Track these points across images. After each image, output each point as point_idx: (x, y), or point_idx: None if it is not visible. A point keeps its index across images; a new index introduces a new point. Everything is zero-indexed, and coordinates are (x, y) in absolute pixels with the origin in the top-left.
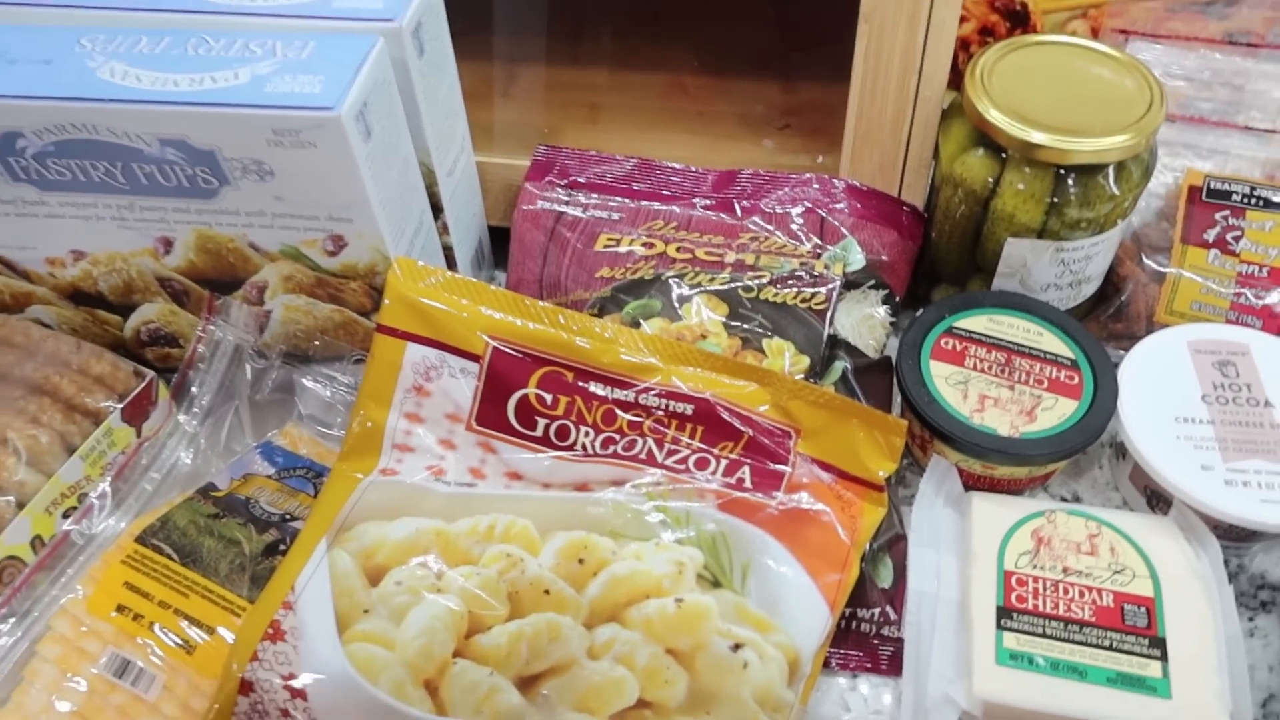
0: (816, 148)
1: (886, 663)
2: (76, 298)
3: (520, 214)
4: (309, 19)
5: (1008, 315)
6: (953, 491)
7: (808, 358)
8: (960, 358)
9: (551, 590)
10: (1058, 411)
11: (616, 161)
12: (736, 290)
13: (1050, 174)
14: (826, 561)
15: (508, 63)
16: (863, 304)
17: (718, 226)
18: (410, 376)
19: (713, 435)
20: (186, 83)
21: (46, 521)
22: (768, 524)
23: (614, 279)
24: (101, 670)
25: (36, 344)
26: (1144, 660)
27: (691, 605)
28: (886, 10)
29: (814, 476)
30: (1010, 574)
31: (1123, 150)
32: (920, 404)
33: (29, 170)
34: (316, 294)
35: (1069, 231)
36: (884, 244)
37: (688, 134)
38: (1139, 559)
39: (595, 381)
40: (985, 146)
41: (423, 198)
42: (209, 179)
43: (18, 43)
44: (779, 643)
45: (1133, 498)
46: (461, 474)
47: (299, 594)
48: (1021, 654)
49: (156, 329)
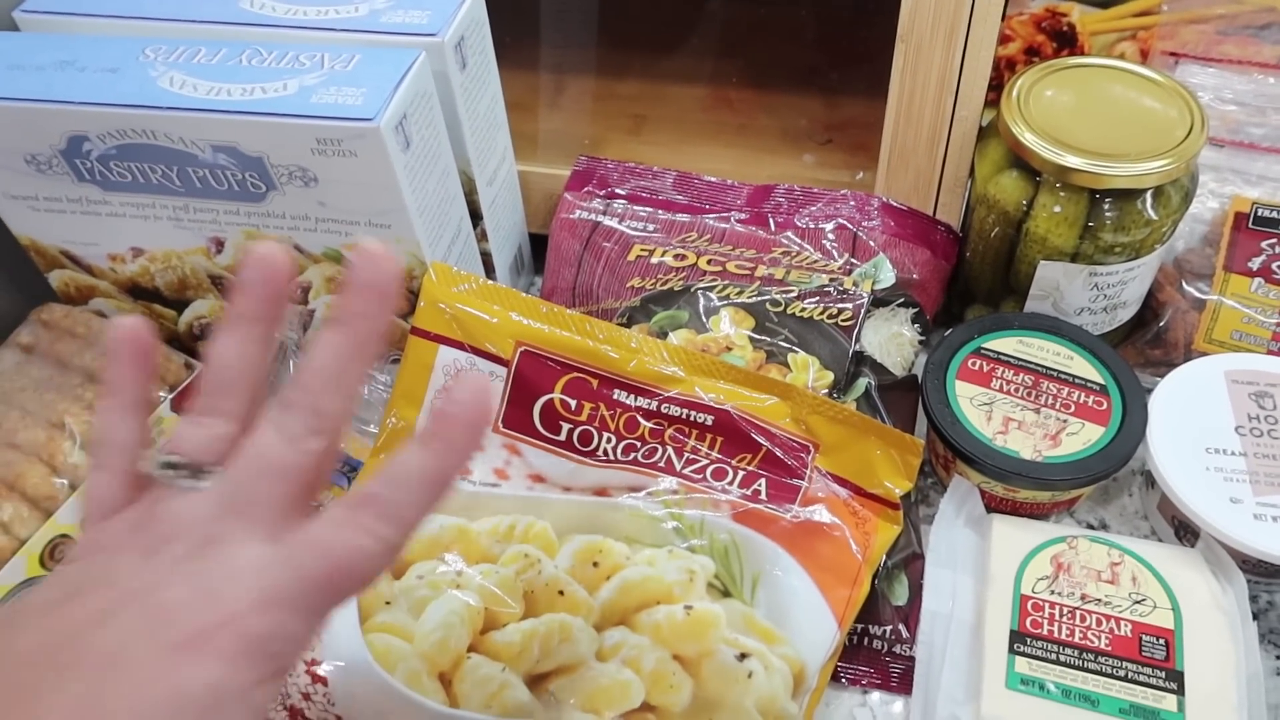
0: (857, 164)
1: (897, 680)
2: (135, 292)
3: (558, 222)
4: (357, 33)
5: (1038, 338)
6: (974, 512)
7: (832, 373)
8: (987, 379)
9: (566, 591)
10: (1083, 437)
11: (655, 174)
12: (764, 304)
13: (1085, 198)
14: (837, 576)
15: (554, 74)
16: (891, 322)
17: (751, 240)
18: (441, 378)
19: (731, 446)
20: (238, 92)
21: None
22: (781, 536)
23: (644, 289)
24: None
25: (96, 335)
26: (1160, 693)
27: (700, 613)
28: (924, 29)
29: (830, 491)
30: (1027, 598)
31: (1160, 175)
32: (943, 424)
33: (93, 171)
34: None
35: (1103, 256)
36: (916, 262)
37: (729, 147)
38: (1161, 590)
39: (619, 389)
40: (1020, 168)
41: (461, 205)
42: (257, 184)
43: (88, 52)
44: (785, 654)
45: (1161, 528)
46: (486, 474)
47: None
48: (1033, 679)
49: (208, 324)
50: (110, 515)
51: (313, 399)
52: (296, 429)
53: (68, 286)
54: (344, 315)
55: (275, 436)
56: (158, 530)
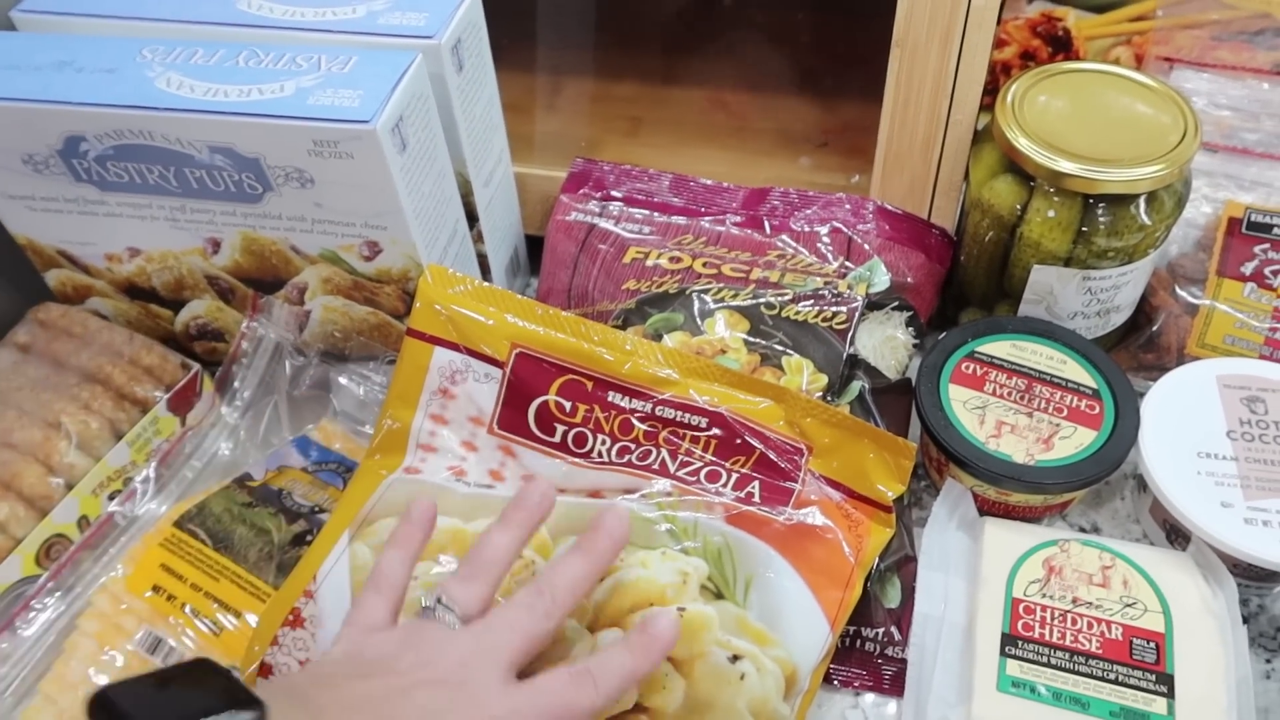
0: (853, 167)
1: (889, 682)
2: (132, 292)
3: (554, 224)
4: (354, 35)
5: (1032, 342)
6: (966, 515)
7: (826, 376)
8: (980, 383)
9: None
10: (1075, 441)
11: (651, 176)
12: (759, 307)
13: (1079, 203)
14: (830, 579)
15: (551, 76)
16: (885, 325)
17: (746, 243)
18: (436, 379)
19: (725, 449)
20: (235, 93)
21: (93, 503)
22: (774, 539)
23: (639, 291)
24: (136, 646)
25: (93, 334)
26: (1150, 696)
27: (693, 615)
28: (919, 34)
29: (823, 494)
30: (1018, 601)
31: (1154, 181)
32: (936, 427)
33: (90, 172)
34: (353, 296)
35: (1096, 260)
36: (910, 266)
37: (725, 149)
38: (1152, 593)
39: (614, 391)
40: (1014, 173)
41: (458, 207)
42: (254, 185)
43: (86, 52)
44: (777, 656)
45: (1153, 531)
46: (481, 475)
47: (320, 584)
48: (1024, 682)
49: (204, 324)
50: (379, 629)
51: (556, 595)
52: (541, 609)
53: (65, 286)
54: (590, 548)
55: (526, 610)
56: (426, 647)
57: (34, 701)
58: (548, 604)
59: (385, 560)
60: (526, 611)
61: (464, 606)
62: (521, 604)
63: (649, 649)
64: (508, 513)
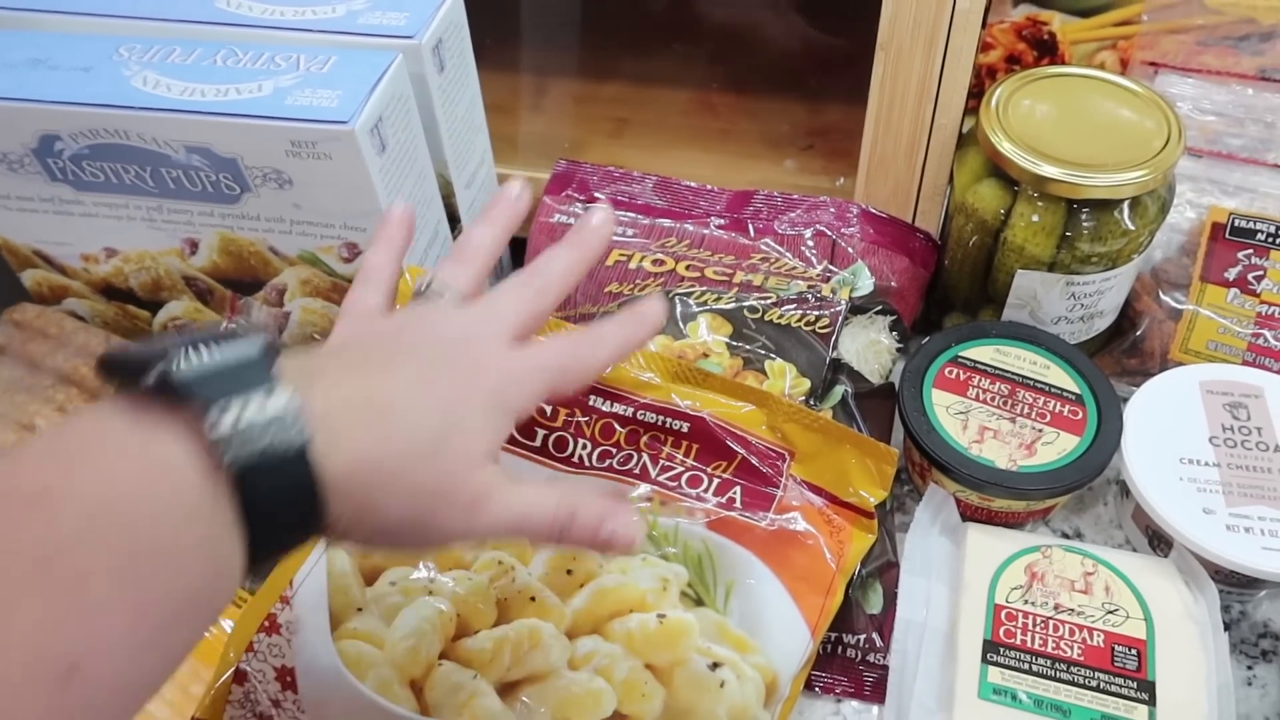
0: (838, 169)
1: (870, 689)
2: (109, 293)
3: (536, 226)
4: (334, 34)
5: (1015, 346)
6: (949, 521)
7: (809, 380)
8: (963, 387)
9: (538, 598)
10: (1058, 446)
11: (635, 178)
12: (742, 310)
13: (1062, 208)
14: (811, 585)
15: (535, 76)
16: (869, 329)
17: (730, 246)
18: None
19: (707, 454)
20: (213, 93)
21: None
22: (755, 545)
23: (622, 295)
24: None
25: (68, 335)
26: (1131, 704)
27: (673, 622)
28: (903, 37)
29: (805, 500)
30: (1000, 607)
31: (1137, 186)
32: (919, 433)
33: (66, 171)
34: (333, 298)
35: (1080, 266)
36: (894, 270)
37: (710, 151)
38: (1134, 600)
39: (595, 395)
40: (998, 177)
41: (439, 209)
42: (231, 185)
43: (61, 50)
44: (757, 664)
45: (1135, 537)
46: None
47: (296, 589)
48: (1005, 689)
49: (183, 325)
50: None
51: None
52: (536, 286)
53: (40, 286)
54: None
55: (520, 287)
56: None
57: None
58: (540, 282)
59: (371, 256)
60: (522, 288)
61: (460, 286)
62: (516, 283)
63: (643, 321)
64: (487, 211)
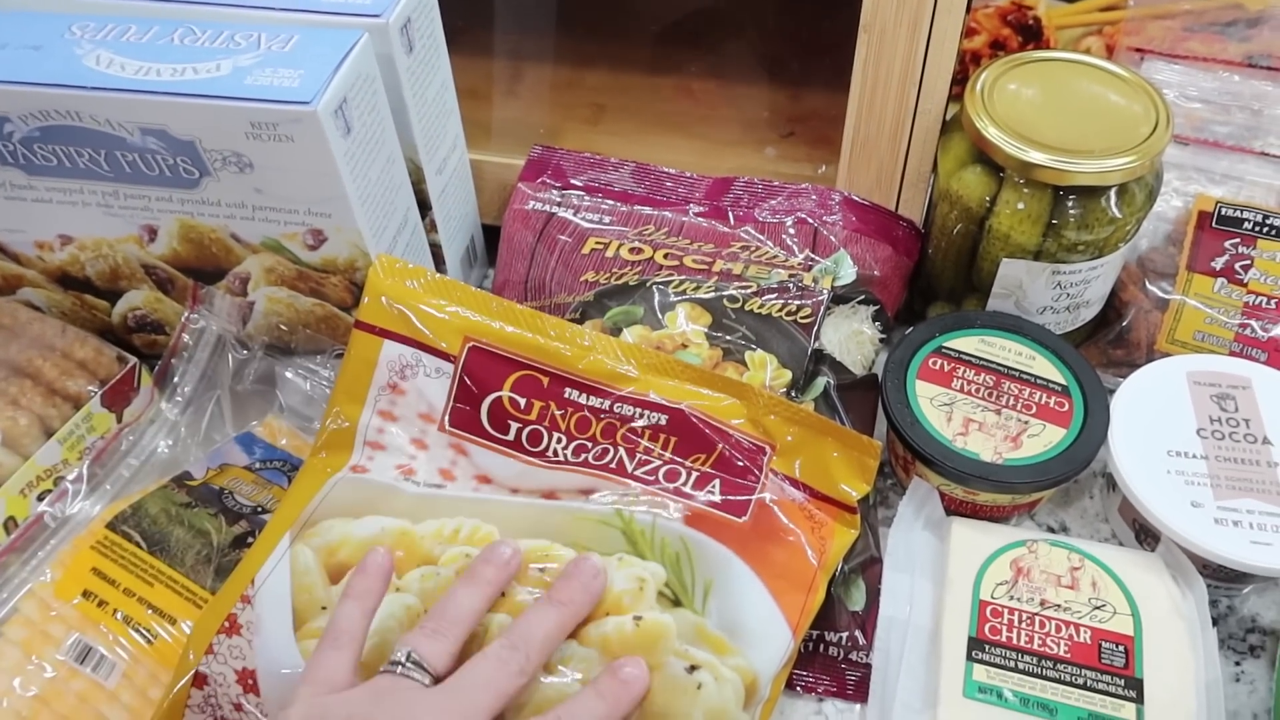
0: (819, 157)
1: (853, 688)
2: (65, 282)
3: (511, 213)
4: (297, 12)
5: (1000, 337)
6: (933, 515)
7: (790, 372)
8: (948, 379)
9: (509, 595)
10: (1044, 439)
11: (612, 165)
12: (721, 300)
13: (1049, 195)
14: (791, 583)
15: (511, 61)
16: (851, 319)
17: (709, 234)
18: (385, 374)
19: (685, 447)
20: (169, 72)
21: (21, 503)
22: (734, 541)
23: (598, 283)
24: (65, 656)
25: (23, 326)
26: (1119, 701)
27: (650, 625)
28: (887, 19)
29: (785, 495)
30: (985, 604)
31: (1125, 173)
32: (902, 425)
33: (16, 154)
34: (298, 287)
35: (1066, 254)
36: (878, 259)
37: (690, 138)
38: (1121, 595)
39: (571, 388)
40: (983, 164)
41: (408, 195)
42: (190, 169)
43: (9, 27)
44: (737, 665)
45: (1122, 531)
46: (431, 474)
47: (258, 588)
48: (991, 687)
49: (143, 315)
50: (341, 688)
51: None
52: (514, 666)
53: None
54: (564, 599)
55: (499, 666)
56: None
57: None
58: (521, 660)
59: (341, 613)
60: (499, 668)
61: (433, 663)
62: (494, 659)
63: (619, 696)
64: (474, 569)
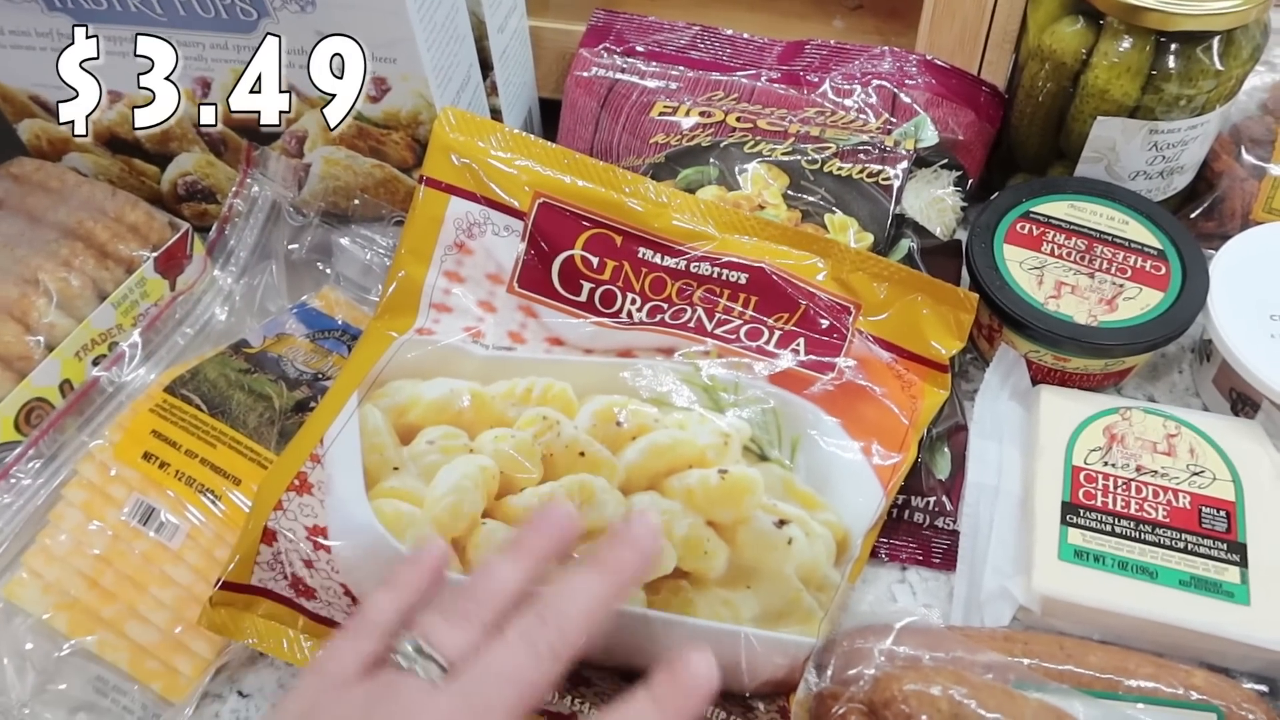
0: (889, 30)
1: (940, 557)
2: (113, 145)
3: (573, 80)
4: None
5: (1091, 202)
6: (1019, 385)
7: (872, 235)
8: (1037, 243)
9: (587, 453)
10: (1141, 301)
11: (676, 29)
12: (799, 162)
13: (1150, 44)
14: (883, 441)
15: None
16: (933, 185)
17: (782, 99)
18: (452, 232)
19: (767, 306)
20: None
21: (76, 366)
22: (820, 399)
23: (669, 145)
24: (126, 517)
25: (71, 189)
26: (1222, 565)
27: (736, 478)
28: None
29: (873, 353)
30: (1079, 470)
31: (1233, 17)
32: (991, 287)
33: None
34: (357, 146)
35: (1165, 111)
36: (960, 124)
37: (753, 10)
38: (1220, 462)
39: (645, 247)
40: (1080, 14)
41: (471, 50)
42: (248, 9)
43: None
44: (827, 520)
45: (1215, 403)
46: (500, 338)
47: (327, 448)
48: (1087, 551)
49: (194, 182)
50: (345, 684)
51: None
52: (544, 649)
53: (39, 140)
54: (610, 565)
55: (524, 651)
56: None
57: (17, 575)
58: (553, 639)
59: (372, 602)
60: (526, 653)
61: (448, 653)
62: (520, 642)
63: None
64: (522, 538)
